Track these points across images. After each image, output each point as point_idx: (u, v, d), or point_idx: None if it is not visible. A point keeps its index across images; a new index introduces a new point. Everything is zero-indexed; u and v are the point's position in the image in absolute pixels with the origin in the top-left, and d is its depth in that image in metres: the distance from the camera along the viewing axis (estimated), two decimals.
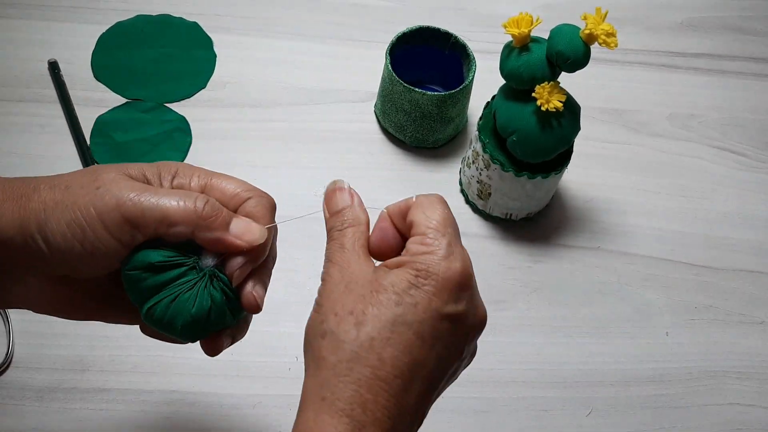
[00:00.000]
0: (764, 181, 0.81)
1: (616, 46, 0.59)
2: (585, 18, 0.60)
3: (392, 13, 0.88)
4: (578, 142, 0.70)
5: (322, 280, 0.40)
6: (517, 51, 0.62)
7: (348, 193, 0.43)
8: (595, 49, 0.61)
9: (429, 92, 0.71)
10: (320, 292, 0.40)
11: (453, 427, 0.63)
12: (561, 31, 0.61)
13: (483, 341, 0.67)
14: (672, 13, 0.93)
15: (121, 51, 0.80)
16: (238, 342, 0.65)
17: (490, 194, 0.71)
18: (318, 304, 0.39)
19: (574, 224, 0.75)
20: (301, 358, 0.40)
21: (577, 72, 0.62)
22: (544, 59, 0.61)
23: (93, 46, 0.80)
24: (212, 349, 0.43)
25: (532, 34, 0.62)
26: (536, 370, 0.66)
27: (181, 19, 0.83)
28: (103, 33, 0.81)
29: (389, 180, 0.75)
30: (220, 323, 0.41)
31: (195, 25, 0.83)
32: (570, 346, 0.68)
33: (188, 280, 0.40)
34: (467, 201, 0.75)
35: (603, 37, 0.59)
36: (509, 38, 0.62)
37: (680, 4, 0.95)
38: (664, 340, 0.69)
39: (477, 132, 0.69)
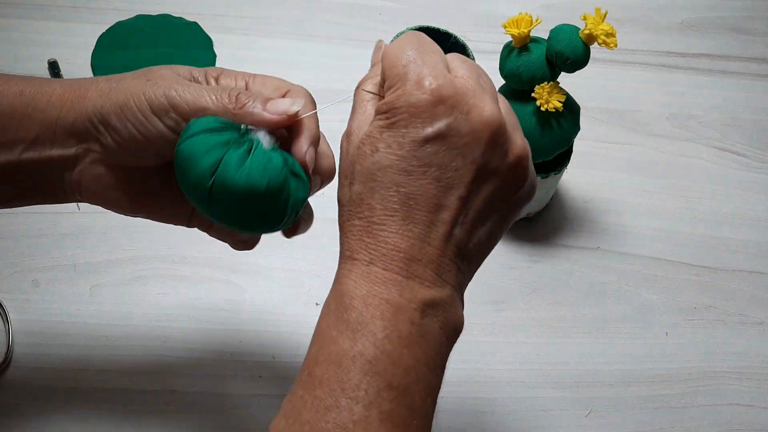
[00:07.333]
0: (764, 182, 0.81)
1: (615, 46, 0.59)
2: (585, 18, 0.60)
3: (392, 12, 0.88)
4: (578, 142, 0.70)
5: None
6: (516, 51, 0.62)
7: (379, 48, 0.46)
8: (594, 49, 0.61)
9: None
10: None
11: (452, 427, 0.63)
12: (560, 32, 0.61)
13: (481, 341, 0.67)
14: (672, 14, 0.93)
15: (121, 50, 0.80)
16: (238, 342, 0.65)
17: None
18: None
19: (574, 224, 0.75)
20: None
21: (577, 72, 0.62)
22: (544, 59, 0.61)
23: (93, 45, 0.80)
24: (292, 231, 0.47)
25: (532, 34, 0.62)
26: (535, 371, 0.66)
27: (180, 18, 0.83)
28: (103, 33, 0.81)
29: None
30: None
31: (195, 25, 0.83)
32: (569, 346, 0.68)
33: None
34: None
35: (602, 37, 0.59)
36: (509, 38, 0.62)
37: (680, 5, 0.95)
38: (664, 341, 0.69)
39: None
